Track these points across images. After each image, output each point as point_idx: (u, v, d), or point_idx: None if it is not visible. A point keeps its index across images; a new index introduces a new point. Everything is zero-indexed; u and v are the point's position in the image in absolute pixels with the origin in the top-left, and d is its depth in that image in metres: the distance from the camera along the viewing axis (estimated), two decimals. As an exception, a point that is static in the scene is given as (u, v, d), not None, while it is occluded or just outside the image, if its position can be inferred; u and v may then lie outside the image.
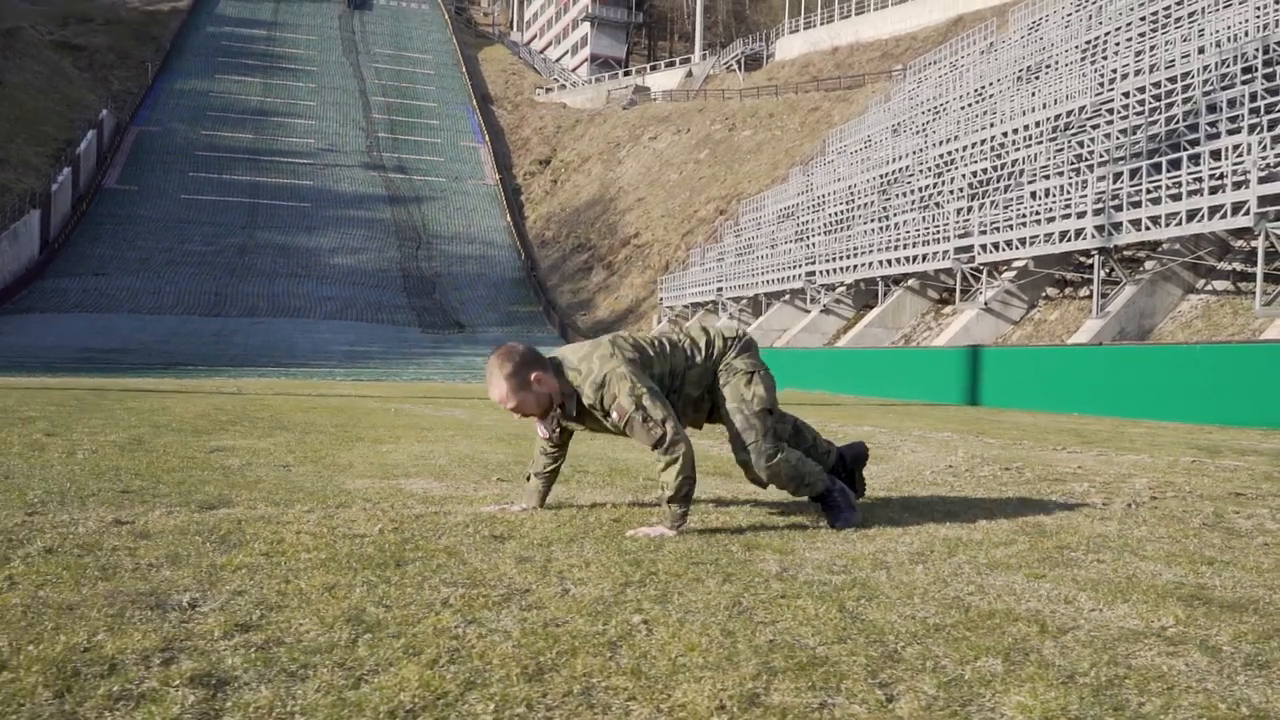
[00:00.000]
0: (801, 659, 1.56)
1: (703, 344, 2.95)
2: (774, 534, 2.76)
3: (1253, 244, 16.06)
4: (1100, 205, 17.27)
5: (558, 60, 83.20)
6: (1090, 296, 18.69)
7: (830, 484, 3.00)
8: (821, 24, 57.17)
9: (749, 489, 3.79)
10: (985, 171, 23.93)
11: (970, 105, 29.74)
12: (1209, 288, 17.15)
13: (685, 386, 2.91)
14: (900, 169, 29.07)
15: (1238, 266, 16.77)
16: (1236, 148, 15.54)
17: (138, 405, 8.06)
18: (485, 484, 3.74)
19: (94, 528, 2.50)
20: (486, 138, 64.46)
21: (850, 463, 3.29)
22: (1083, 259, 19.77)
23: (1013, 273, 20.68)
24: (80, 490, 3.17)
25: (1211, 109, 17.86)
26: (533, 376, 2.72)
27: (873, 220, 26.99)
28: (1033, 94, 25.34)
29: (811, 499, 3.05)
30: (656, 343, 2.92)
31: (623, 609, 1.85)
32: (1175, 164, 17.09)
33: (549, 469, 3.07)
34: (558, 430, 2.96)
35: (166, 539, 2.38)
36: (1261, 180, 14.21)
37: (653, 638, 1.66)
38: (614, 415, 2.72)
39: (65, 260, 45.52)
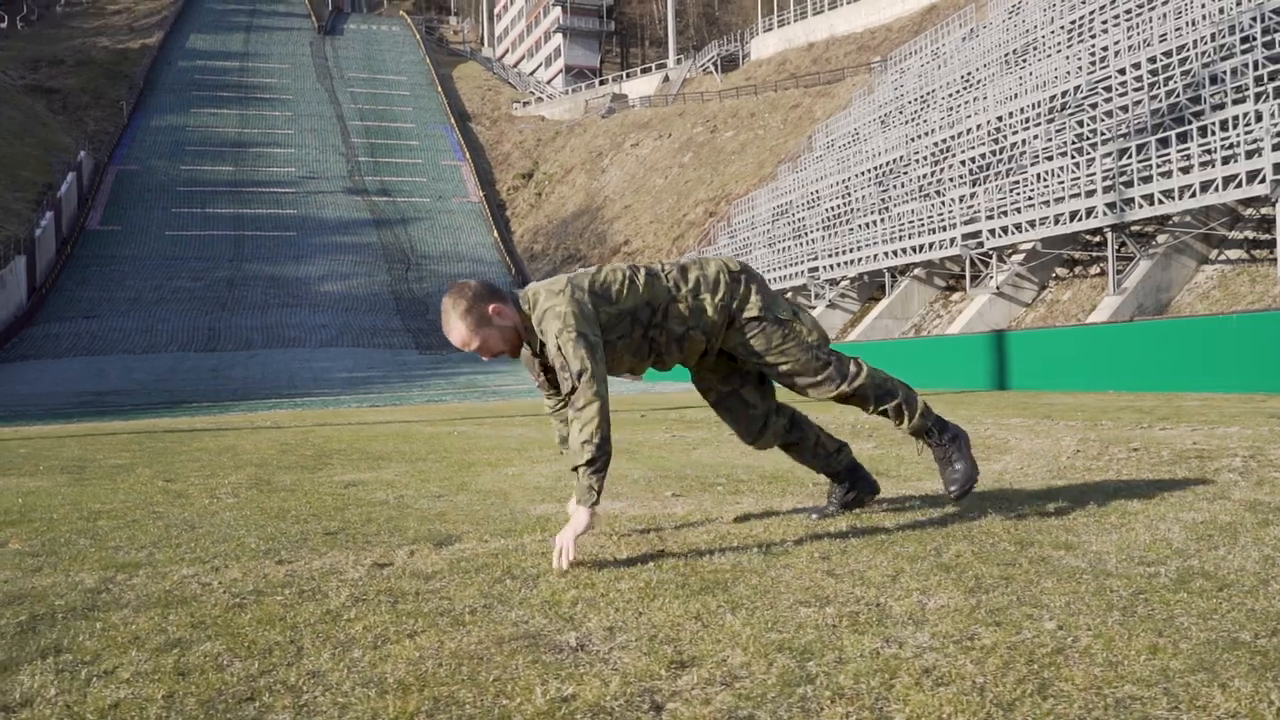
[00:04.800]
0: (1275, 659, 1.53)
1: (692, 280, 2.68)
2: (1021, 524, 2.69)
3: (1263, 211, 16.23)
4: (1110, 183, 17.38)
5: (532, 73, 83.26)
6: (1102, 274, 18.81)
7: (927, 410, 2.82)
8: (795, 20, 57.46)
9: (933, 484, 3.75)
10: (984, 156, 24.06)
11: (959, 92, 29.92)
12: (1223, 257, 17.30)
13: (668, 321, 2.66)
14: (895, 159, 29.19)
15: (1250, 235, 16.92)
16: (1245, 116, 15.68)
17: (205, 446, 7.94)
18: (659, 498, 3.69)
19: (363, 573, 2.44)
20: (467, 155, 64.38)
21: (857, 484, 3.04)
22: (1090, 237, 19.90)
23: (1021, 255, 20.79)
24: (286, 536, 3.09)
25: (1214, 80, 18.03)
26: (490, 309, 2.52)
27: (872, 212, 27.09)
28: (1024, 77, 25.51)
29: (911, 433, 2.81)
30: (631, 275, 2.66)
31: (1012, 615, 1.81)
32: (1182, 137, 17.23)
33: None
34: (542, 373, 2.77)
35: (455, 580, 2.32)
36: (1276, 148, 14.34)
37: (1083, 644, 1.62)
38: (550, 353, 2.52)
39: (54, 305, 45.08)
